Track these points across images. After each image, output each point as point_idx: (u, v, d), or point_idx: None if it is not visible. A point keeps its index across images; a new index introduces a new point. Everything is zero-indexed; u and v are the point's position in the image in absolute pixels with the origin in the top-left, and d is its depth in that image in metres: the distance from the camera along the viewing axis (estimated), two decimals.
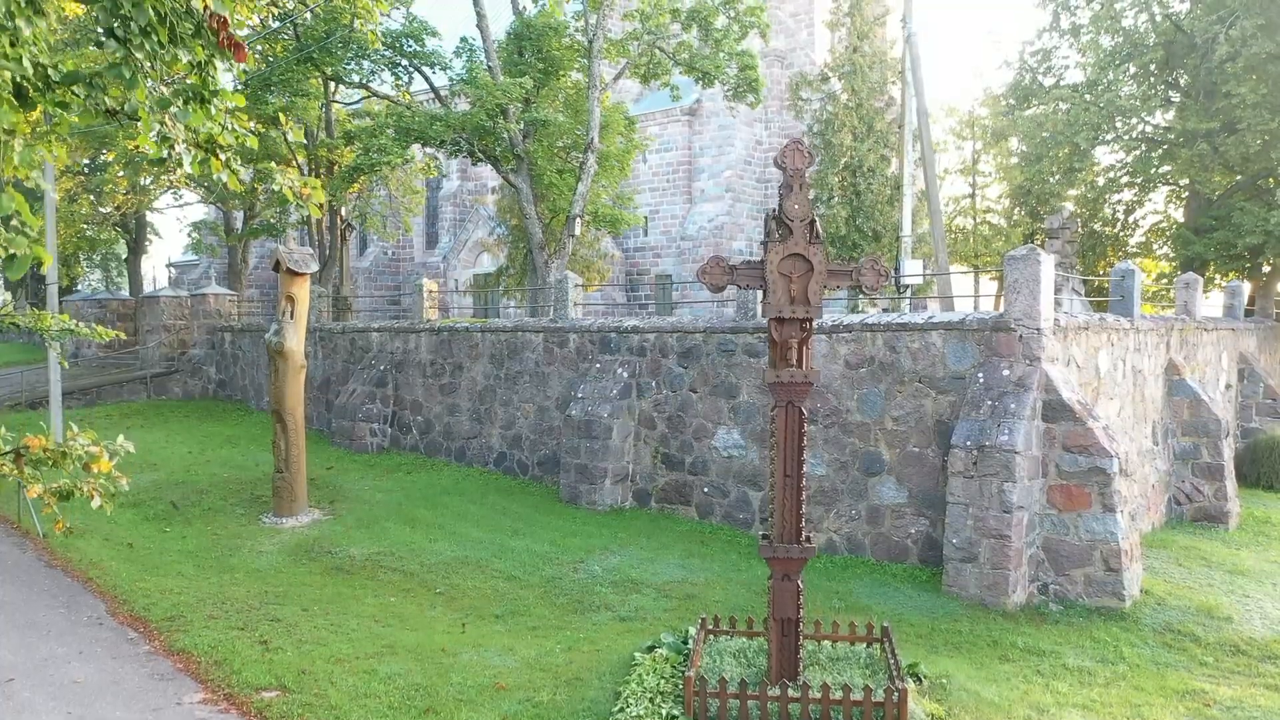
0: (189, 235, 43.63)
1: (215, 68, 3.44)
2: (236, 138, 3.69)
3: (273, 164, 4.39)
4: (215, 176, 3.76)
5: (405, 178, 30.43)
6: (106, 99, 3.26)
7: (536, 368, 17.60)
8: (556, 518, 14.91)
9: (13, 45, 2.87)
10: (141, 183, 32.74)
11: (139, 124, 3.40)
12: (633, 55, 23.40)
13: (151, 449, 20.14)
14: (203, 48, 3.30)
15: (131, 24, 3.04)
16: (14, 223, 3.23)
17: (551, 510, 15.41)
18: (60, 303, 28.18)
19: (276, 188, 4.07)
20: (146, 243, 43.37)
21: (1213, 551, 13.79)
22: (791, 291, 7.45)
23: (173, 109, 3.27)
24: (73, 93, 3.18)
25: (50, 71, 3.10)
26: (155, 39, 3.07)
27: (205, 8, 3.24)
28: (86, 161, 34.70)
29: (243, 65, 3.56)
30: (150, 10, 2.99)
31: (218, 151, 3.61)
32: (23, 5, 2.81)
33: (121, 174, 32.16)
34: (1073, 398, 11.50)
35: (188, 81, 3.41)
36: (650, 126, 35.80)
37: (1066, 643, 9.92)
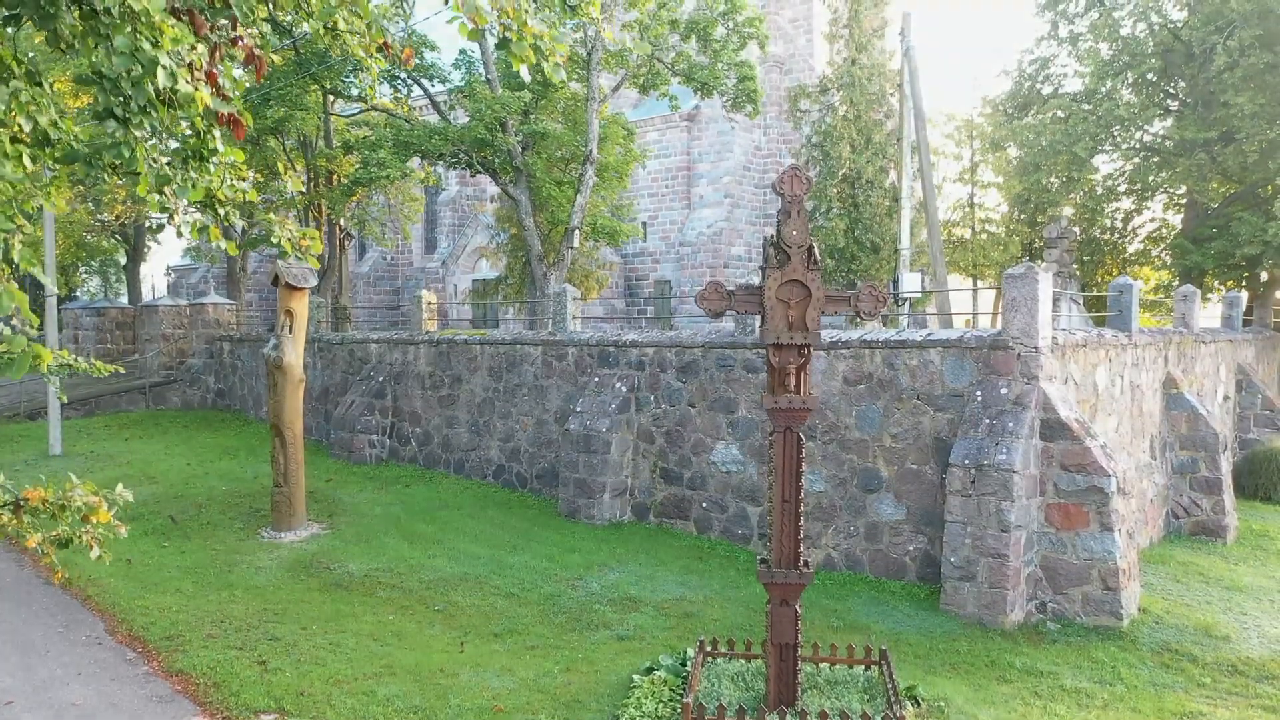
0: (188, 240, 43.63)
1: (214, 136, 3.47)
2: (235, 191, 3.71)
3: (271, 217, 4.42)
4: (215, 244, 3.79)
5: (404, 186, 30.48)
6: (105, 173, 3.29)
7: (535, 380, 17.60)
8: (555, 532, 14.90)
9: (13, 142, 2.90)
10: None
11: (138, 176, 3.43)
12: (631, 66, 23.43)
13: (150, 461, 20.16)
14: (201, 118, 3.33)
15: (131, 103, 3.07)
16: (14, 320, 3.25)
17: (550, 525, 15.40)
18: (59, 311, 28.22)
19: (275, 240, 4.09)
20: (145, 249, 43.35)
21: (1211, 567, 13.80)
22: (790, 317, 7.47)
23: (173, 185, 3.31)
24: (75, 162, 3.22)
25: (50, 130, 3.13)
26: (155, 115, 3.11)
27: (204, 104, 3.27)
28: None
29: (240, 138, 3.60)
30: (149, 89, 3.02)
31: (216, 206, 3.64)
32: (23, 103, 2.84)
33: (120, 183, 32.19)
34: (1070, 416, 11.52)
35: (187, 136, 3.45)
36: (649, 132, 35.86)
37: (1064, 663, 9.93)
